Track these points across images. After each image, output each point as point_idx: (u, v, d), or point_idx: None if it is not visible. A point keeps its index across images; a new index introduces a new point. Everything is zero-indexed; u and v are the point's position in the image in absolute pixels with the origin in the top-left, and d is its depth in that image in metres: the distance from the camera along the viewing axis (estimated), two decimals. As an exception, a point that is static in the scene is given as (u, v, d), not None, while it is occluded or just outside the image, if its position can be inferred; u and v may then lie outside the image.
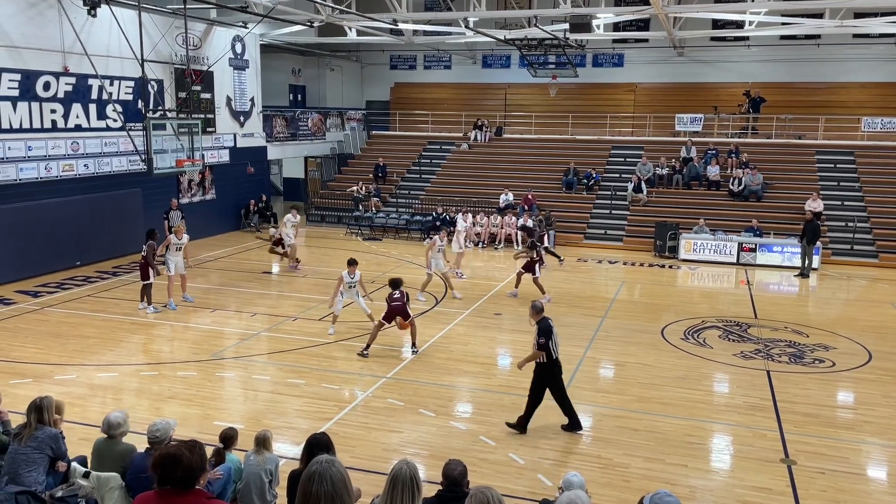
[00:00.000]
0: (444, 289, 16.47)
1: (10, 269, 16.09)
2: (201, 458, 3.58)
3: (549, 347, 8.72)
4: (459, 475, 5.01)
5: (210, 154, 22.16)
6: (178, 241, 14.59)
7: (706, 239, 20.59)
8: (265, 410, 9.61)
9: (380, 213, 24.84)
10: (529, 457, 8.32)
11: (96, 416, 8.30)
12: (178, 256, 14.57)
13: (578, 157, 26.19)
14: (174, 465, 3.47)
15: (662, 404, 9.98)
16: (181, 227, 15.04)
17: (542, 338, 8.72)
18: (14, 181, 16.42)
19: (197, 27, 21.64)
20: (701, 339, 13.04)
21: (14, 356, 11.47)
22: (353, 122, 32.28)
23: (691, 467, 8.17)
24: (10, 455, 5.51)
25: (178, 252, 14.56)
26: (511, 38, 24.86)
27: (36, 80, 16.68)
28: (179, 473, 3.47)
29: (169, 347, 12.29)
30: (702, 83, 29.13)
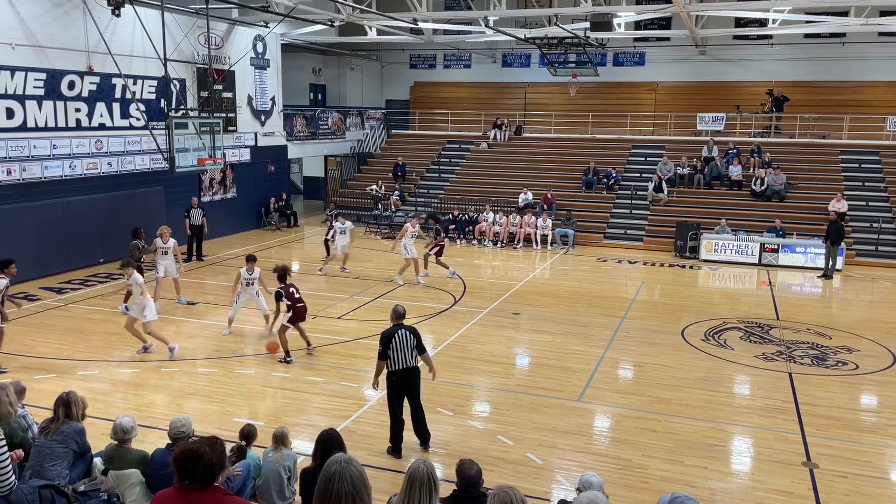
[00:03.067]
0: (462, 288, 16.49)
1: (35, 266, 16.33)
2: (221, 455, 3.60)
3: (389, 356, 8.08)
4: (476, 474, 5.02)
5: (231, 153, 22.34)
6: (164, 244, 14.43)
7: (728, 239, 20.40)
8: (284, 408, 9.67)
9: (399, 211, 24.88)
10: (547, 457, 8.30)
11: (118, 412, 8.40)
12: (166, 259, 14.43)
13: (598, 156, 26.05)
14: (194, 461, 3.50)
15: (682, 406, 9.91)
16: (166, 231, 14.61)
17: (380, 346, 8.13)
18: (39, 179, 16.67)
19: (219, 27, 21.82)
20: (722, 341, 12.92)
21: (38, 351, 11.65)
22: (372, 122, 32.37)
23: (711, 469, 8.11)
24: (35, 449, 5.60)
25: (165, 255, 14.42)
26: (531, 37, 24.78)
27: (61, 79, 16.92)
28: (200, 470, 3.50)
29: (190, 344, 12.39)
30: (724, 82, 28.84)
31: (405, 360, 8.13)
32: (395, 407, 8.25)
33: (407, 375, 8.19)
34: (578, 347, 12.39)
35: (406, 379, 8.19)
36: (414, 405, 8.32)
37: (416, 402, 8.32)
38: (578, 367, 11.35)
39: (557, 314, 14.56)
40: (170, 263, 14.54)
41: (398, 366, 8.12)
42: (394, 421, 8.28)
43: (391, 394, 8.27)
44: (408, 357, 8.14)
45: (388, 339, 8.10)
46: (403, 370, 8.15)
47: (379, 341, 8.18)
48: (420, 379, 8.35)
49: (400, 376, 8.16)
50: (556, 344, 12.60)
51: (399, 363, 8.12)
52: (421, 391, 8.38)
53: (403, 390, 8.23)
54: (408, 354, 8.13)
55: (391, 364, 8.13)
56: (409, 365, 8.17)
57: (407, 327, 8.26)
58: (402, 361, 8.12)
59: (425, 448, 8.36)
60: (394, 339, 8.10)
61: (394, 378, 8.19)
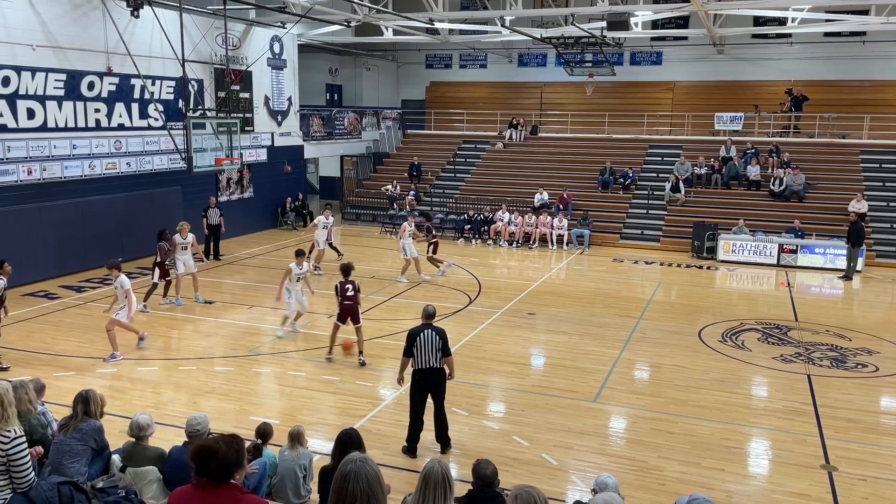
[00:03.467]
0: (477, 288, 16.48)
1: (54, 265, 16.52)
2: (238, 453, 3.62)
3: (413, 355, 8.14)
4: (492, 474, 5.01)
5: (248, 153, 22.47)
6: (183, 240, 14.61)
7: (745, 240, 20.23)
8: (300, 406, 9.71)
9: (414, 211, 24.88)
10: (563, 458, 8.27)
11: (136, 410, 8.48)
12: (185, 255, 14.61)
13: (615, 156, 25.93)
14: (210, 458, 3.52)
15: (699, 407, 9.84)
16: (185, 226, 14.86)
17: (405, 343, 8.19)
18: (59, 179, 16.85)
19: (236, 27, 21.96)
20: (739, 342, 12.81)
21: (58, 349, 11.78)
22: (388, 122, 32.43)
23: (728, 472, 8.04)
24: (54, 446, 5.66)
25: (184, 251, 14.60)
26: (547, 37, 24.71)
27: (81, 79, 17.10)
28: (214, 466, 3.52)
29: (207, 343, 12.48)
30: (742, 81, 28.59)
31: (429, 360, 8.12)
32: (417, 406, 8.26)
33: (430, 376, 8.20)
34: (594, 348, 12.34)
35: (429, 379, 8.21)
36: (436, 407, 8.32)
37: (439, 405, 8.32)
38: (594, 368, 11.31)
39: (573, 314, 14.51)
40: (188, 259, 14.69)
41: (422, 365, 8.14)
42: (413, 420, 8.29)
43: (413, 392, 8.29)
44: (431, 358, 8.13)
45: (414, 338, 8.13)
46: (427, 370, 8.16)
47: (405, 338, 8.21)
48: (445, 382, 8.34)
49: (423, 376, 8.19)
50: (572, 344, 12.56)
51: (423, 363, 8.13)
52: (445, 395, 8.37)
53: (426, 390, 8.24)
54: (431, 355, 8.13)
55: (415, 362, 8.16)
56: (433, 366, 8.17)
57: (434, 328, 8.26)
58: (426, 361, 8.12)
59: (443, 453, 8.33)
60: (419, 337, 8.11)
61: (417, 377, 8.23)
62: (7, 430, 4.44)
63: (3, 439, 4.40)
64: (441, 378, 8.28)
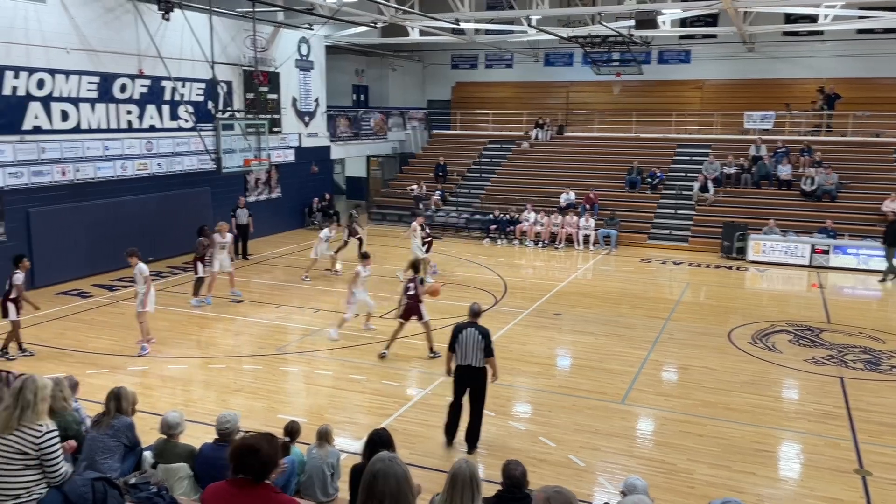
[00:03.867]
0: (503, 288, 16.46)
1: (87, 264, 16.82)
2: (276, 453, 3.67)
3: (455, 350, 8.31)
4: (521, 475, 5.00)
5: (276, 153, 22.66)
6: (223, 239, 14.97)
7: (776, 240, 19.93)
8: (327, 405, 9.77)
9: (440, 211, 24.94)
10: (590, 459, 8.22)
11: (167, 407, 8.60)
12: (223, 254, 14.96)
13: (642, 155, 25.71)
14: (251, 455, 3.57)
15: (729, 410, 9.72)
16: (224, 226, 15.33)
17: (450, 337, 8.44)
18: (92, 179, 17.15)
19: (265, 30, 22.18)
20: (770, 344, 12.63)
21: (91, 347, 11.99)
22: (414, 122, 32.50)
23: (759, 475, 7.93)
24: (88, 442, 5.76)
25: (222, 250, 14.97)
26: (574, 36, 24.57)
27: (113, 82, 17.39)
28: (256, 465, 3.57)
29: (235, 342, 12.62)
30: (773, 79, 28.15)
31: (469, 357, 8.23)
32: (455, 400, 8.44)
33: (469, 373, 8.29)
34: (621, 349, 12.25)
35: (469, 377, 8.30)
36: (473, 405, 8.39)
37: (476, 404, 8.38)
38: (621, 369, 11.23)
39: (600, 315, 14.42)
40: (225, 258, 15.01)
41: (462, 361, 8.29)
42: (450, 414, 8.46)
43: (454, 386, 8.45)
44: (471, 356, 8.24)
45: (457, 333, 8.33)
46: (466, 367, 8.27)
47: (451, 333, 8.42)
48: (485, 383, 8.37)
49: (463, 372, 8.32)
50: (599, 345, 12.48)
51: (463, 359, 8.26)
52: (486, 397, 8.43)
53: (465, 387, 8.36)
54: (471, 353, 8.23)
55: (457, 358, 8.32)
56: (473, 364, 8.25)
57: (478, 327, 8.36)
58: (466, 358, 8.24)
59: (470, 452, 8.34)
60: (461, 334, 8.27)
61: (458, 373, 8.38)
62: (39, 423, 4.51)
63: (35, 433, 4.47)
64: (481, 378, 8.32)
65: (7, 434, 4.46)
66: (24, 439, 4.45)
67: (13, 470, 4.41)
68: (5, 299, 11.30)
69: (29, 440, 4.44)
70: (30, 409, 4.49)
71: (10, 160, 15.24)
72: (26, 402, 4.49)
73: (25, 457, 4.44)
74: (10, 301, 11.25)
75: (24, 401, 4.49)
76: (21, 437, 4.45)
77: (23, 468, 4.44)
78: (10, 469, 4.41)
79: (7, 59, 14.91)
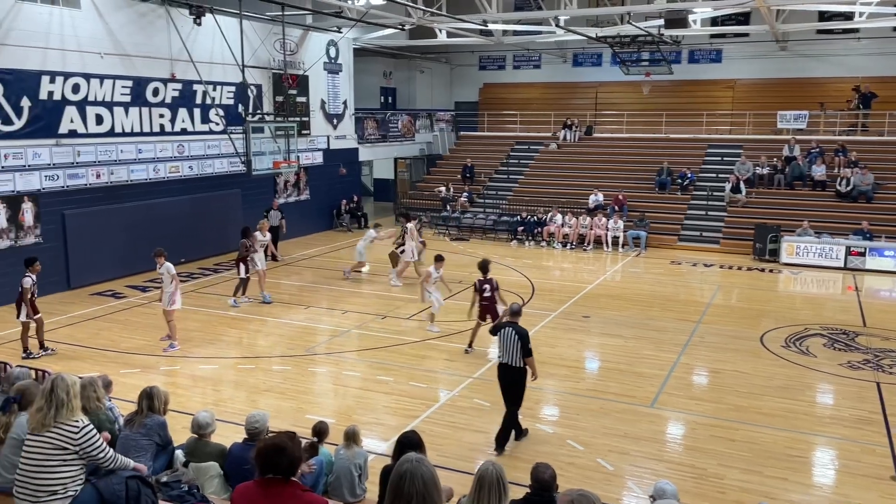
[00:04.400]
0: (530, 290, 16.39)
1: (121, 265, 17.11)
2: (300, 450, 3.71)
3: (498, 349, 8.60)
4: (550, 478, 4.97)
5: (305, 156, 22.85)
6: (263, 238, 15.26)
7: (810, 242, 19.57)
8: (354, 406, 9.82)
9: (467, 213, 24.93)
10: (619, 463, 8.15)
11: (198, 406, 8.71)
12: (259, 253, 15.16)
13: (672, 156, 25.43)
14: (278, 455, 3.61)
15: (761, 414, 9.56)
16: (266, 224, 15.84)
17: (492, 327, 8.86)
18: (126, 182, 17.45)
19: (294, 33, 22.38)
20: (804, 348, 12.40)
21: (124, 347, 12.20)
22: (441, 124, 32.55)
23: (792, 481, 7.79)
24: (121, 440, 5.85)
25: (261, 248, 15.21)
26: (603, 36, 24.41)
27: (146, 86, 17.68)
28: (284, 463, 3.60)
29: (265, 342, 12.75)
30: (806, 78, 27.67)
31: (507, 356, 8.42)
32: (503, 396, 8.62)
33: (507, 371, 8.48)
34: (651, 352, 12.12)
35: (507, 375, 8.48)
36: (507, 405, 8.50)
37: (511, 405, 8.48)
38: (651, 373, 11.11)
39: (629, 318, 14.29)
40: (261, 256, 15.24)
41: (502, 359, 8.50)
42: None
43: (500, 386, 8.66)
44: (508, 355, 8.41)
45: (496, 331, 8.67)
46: (505, 365, 8.47)
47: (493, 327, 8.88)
48: (523, 384, 8.49)
49: (502, 370, 8.54)
50: (628, 348, 12.36)
51: (503, 357, 8.49)
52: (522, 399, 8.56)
53: (501, 383, 8.58)
54: (508, 353, 8.40)
55: (500, 355, 8.56)
56: (511, 364, 8.41)
57: (516, 327, 8.48)
58: (505, 357, 8.46)
59: (499, 452, 8.34)
60: (500, 332, 8.52)
61: (498, 370, 8.61)
62: (74, 420, 4.59)
63: (73, 429, 4.55)
64: (519, 378, 8.46)
65: (44, 432, 4.54)
66: (62, 435, 4.53)
67: (50, 466, 4.49)
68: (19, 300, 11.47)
69: (68, 436, 4.53)
70: (64, 407, 4.56)
71: (46, 163, 15.57)
72: (60, 401, 4.56)
73: (64, 452, 4.52)
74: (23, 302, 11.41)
75: (58, 399, 4.56)
76: (59, 433, 4.53)
77: (60, 464, 4.52)
78: (47, 465, 4.49)
79: (44, 64, 15.24)
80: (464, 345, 12.13)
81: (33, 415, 4.64)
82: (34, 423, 4.59)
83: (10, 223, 14.93)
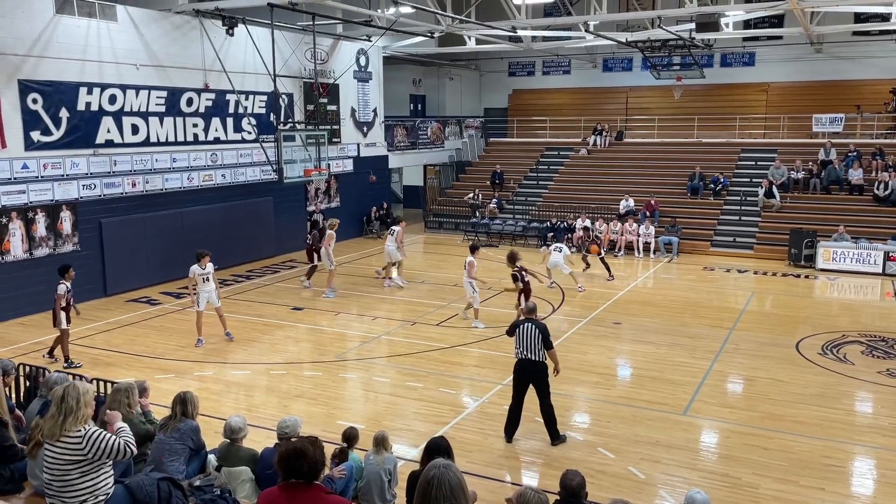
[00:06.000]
0: (561, 296, 16.31)
1: (156, 272, 17.41)
2: (322, 454, 3.75)
3: (515, 343, 8.68)
4: (578, 486, 4.94)
5: (335, 163, 23.05)
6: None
7: (847, 247, 19.17)
8: (384, 412, 9.85)
9: (496, 219, 24.90)
10: (650, 471, 8.05)
11: (230, 411, 8.83)
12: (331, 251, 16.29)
13: (705, 160, 25.12)
14: (300, 459, 3.65)
15: (796, 423, 9.38)
16: (335, 223, 17.11)
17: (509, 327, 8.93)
18: (160, 191, 17.78)
19: (324, 42, 22.63)
20: (841, 355, 12.14)
21: (159, 352, 12.40)
22: (470, 130, 32.59)
23: (829, 491, 7.62)
24: (155, 444, 5.96)
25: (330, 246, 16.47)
26: (633, 41, 24.25)
27: (180, 96, 18.01)
28: (305, 467, 3.64)
29: (297, 348, 12.86)
30: (842, 81, 27.17)
31: (528, 350, 8.51)
32: (516, 396, 8.69)
33: (528, 366, 8.56)
34: (683, 359, 11.97)
35: (529, 371, 8.56)
36: (541, 402, 8.63)
37: (543, 399, 8.62)
38: (683, 380, 10.97)
39: (661, 324, 14.13)
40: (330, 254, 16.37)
41: (521, 355, 8.58)
42: (511, 409, 8.72)
43: (515, 379, 8.74)
44: (529, 350, 8.51)
45: (514, 328, 8.77)
46: (526, 360, 8.56)
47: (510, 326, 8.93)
48: (547, 376, 8.63)
49: (522, 366, 8.60)
50: (660, 355, 12.22)
51: (522, 353, 8.57)
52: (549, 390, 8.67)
53: (525, 381, 8.62)
54: (529, 347, 8.50)
55: (517, 352, 8.64)
56: (533, 358, 8.53)
57: (535, 322, 8.66)
58: (525, 352, 8.54)
59: (553, 443, 8.59)
60: (519, 328, 8.64)
61: (517, 367, 8.67)
62: (77, 430, 4.49)
63: (76, 440, 4.47)
64: (542, 372, 8.59)
65: (55, 442, 4.50)
66: (69, 448, 4.48)
67: (70, 479, 4.49)
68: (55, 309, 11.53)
69: (75, 447, 4.48)
70: (72, 415, 4.49)
71: (84, 172, 15.93)
72: (69, 409, 4.50)
73: (79, 464, 4.48)
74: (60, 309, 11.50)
75: (67, 407, 4.50)
76: (67, 444, 4.48)
77: (79, 476, 4.49)
78: (68, 479, 4.49)
79: (81, 75, 15.61)
80: (493, 352, 12.09)
81: (47, 422, 4.58)
82: (47, 432, 4.53)
83: (48, 231, 15.30)
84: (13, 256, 14.62)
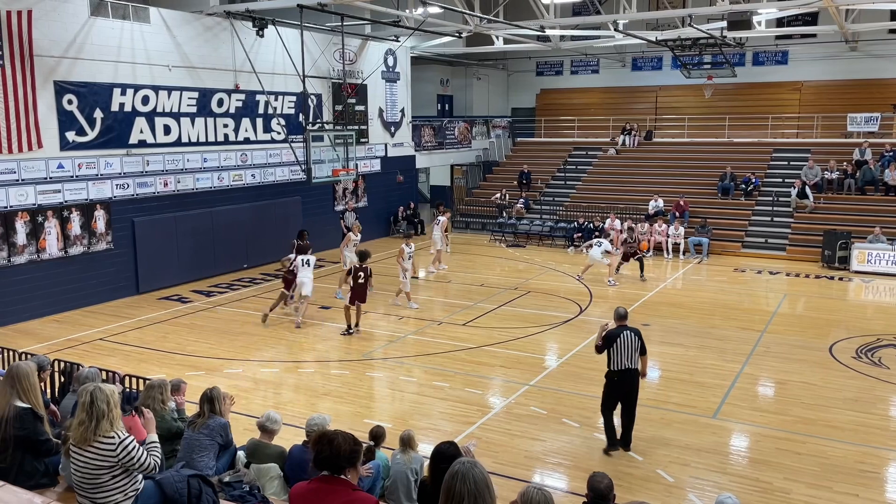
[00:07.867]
0: (588, 297, 16.20)
1: (187, 270, 17.65)
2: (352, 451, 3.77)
3: (610, 355, 8.37)
4: (606, 488, 4.90)
5: (363, 163, 23.15)
6: (355, 237, 16.51)
7: (883, 249, 18.77)
8: (411, 411, 9.87)
9: (523, 219, 24.82)
10: (679, 475, 7.96)
11: (259, 409, 8.92)
12: (352, 252, 16.08)
13: (736, 160, 24.78)
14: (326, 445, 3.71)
15: (830, 427, 9.20)
16: (357, 227, 17.34)
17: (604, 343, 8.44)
18: (192, 190, 18.01)
19: (352, 43, 22.75)
20: (876, 359, 11.89)
21: (189, 350, 12.57)
22: (498, 130, 32.52)
23: (863, 497, 7.47)
24: (185, 441, 6.04)
25: (354, 247, 16.37)
26: (663, 39, 24.00)
27: (211, 97, 18.23)
28: (327, 452, 3.69)
29: (324, 347, 12.94)
30: (878, 79, 26.59)
31: (626, 360, 8.35)
32: (607, 407, 8.51)
33: (628, 376, 8.42)
34: (713, 362, 11.82)
35: (626, 380, 8.41)
36: (626, 408, 8.51)
37: (630, 406, 8.51)
38: (713, 383, 10.83)
39: (690, 326, 13.96)
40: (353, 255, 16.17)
41: (619, 367, 8.35)
42: (605, 421, 8.55)
43: (608, 394, 8.51)
44: (627, 359, 8.36)
45: (613, 339, 8.36)
46: (625, 371, 8.37)
47: (603, 340, 8.42)
48: (639, 382, 8.56)
49: (622, 377, 8.40)
50: (689, 357, 12.08)
51: (621, 364, 8.34)
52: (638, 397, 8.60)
53: (622, 390, 8.44)
54: (627, 356, 8.35)
55: (613, 364, 8.37)
56: (631, 367, 8.40)
57: (631, 329, 8.50)
58: (624, 363, 8.34)
59: (625, 449, 8.47)
60: (618, 339, 8.34)
61: (616, 378, 8.42)
62: (110, 435, 4.48)
63: (110, 445, 4.46)
64: (636, 377, 8.52)
65: (85, 447, 4.46)
66: (103, 451, 4.46)
67: (100, 483, 4.49)
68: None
69: (108, 451, 4.47)
70: (105, 418, 4.47)
71: (117, 172, 16.20)
72: (101, 413, 4.46)
73: (111, 469, 4.48)
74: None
75: (99, 411, 4.46)
76: (99, 448, 4.45)
77: (111, 479, 4.50)
78: (98, 483, 4.50)
79: (115, 77, 15.88)
80: (525, 353, 12.05)
81: (76, 428, 4.53)
82: (77, 437, 4.49)
83: (83, 230, 15.58)
84: (49, 254, 14.91)
